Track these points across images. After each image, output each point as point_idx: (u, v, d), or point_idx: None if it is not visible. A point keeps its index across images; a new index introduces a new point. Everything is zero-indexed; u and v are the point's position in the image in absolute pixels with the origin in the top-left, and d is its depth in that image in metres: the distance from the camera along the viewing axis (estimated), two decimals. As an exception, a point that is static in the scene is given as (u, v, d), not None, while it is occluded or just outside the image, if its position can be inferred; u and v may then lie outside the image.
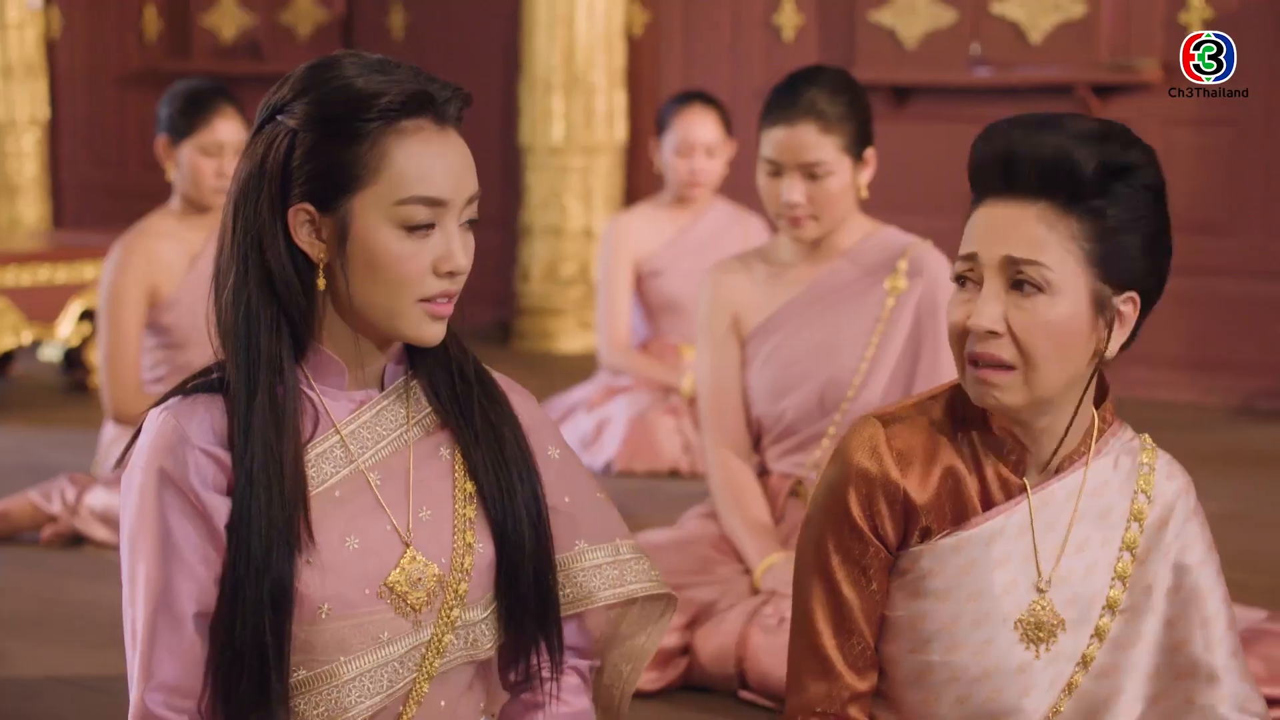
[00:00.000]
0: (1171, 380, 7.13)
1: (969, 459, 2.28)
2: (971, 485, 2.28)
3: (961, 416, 2.29)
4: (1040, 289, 2.18)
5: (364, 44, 9.52)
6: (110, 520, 4.90)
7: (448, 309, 2.15)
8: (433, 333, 2.15)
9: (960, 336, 2.22)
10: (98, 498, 4.95)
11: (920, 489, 2.26)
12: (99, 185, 10.27)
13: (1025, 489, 2.28)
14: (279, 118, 2.13)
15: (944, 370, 3.80)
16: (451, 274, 2.13)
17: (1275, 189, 7.11)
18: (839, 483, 2.28)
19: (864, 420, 2.30)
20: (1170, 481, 2.33)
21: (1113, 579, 2.28)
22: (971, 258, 2.21)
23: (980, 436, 2.28)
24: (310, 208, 2.12)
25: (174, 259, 5.05)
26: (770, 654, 3.67)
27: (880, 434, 2.27)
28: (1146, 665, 2.30)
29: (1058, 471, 2.30)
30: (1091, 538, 2.29)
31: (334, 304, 2.16)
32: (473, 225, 2.17)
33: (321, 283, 2.13)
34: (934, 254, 3.89)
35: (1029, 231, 2.17)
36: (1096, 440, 2.30)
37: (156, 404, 2.17)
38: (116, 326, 5.01)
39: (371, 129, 2.10)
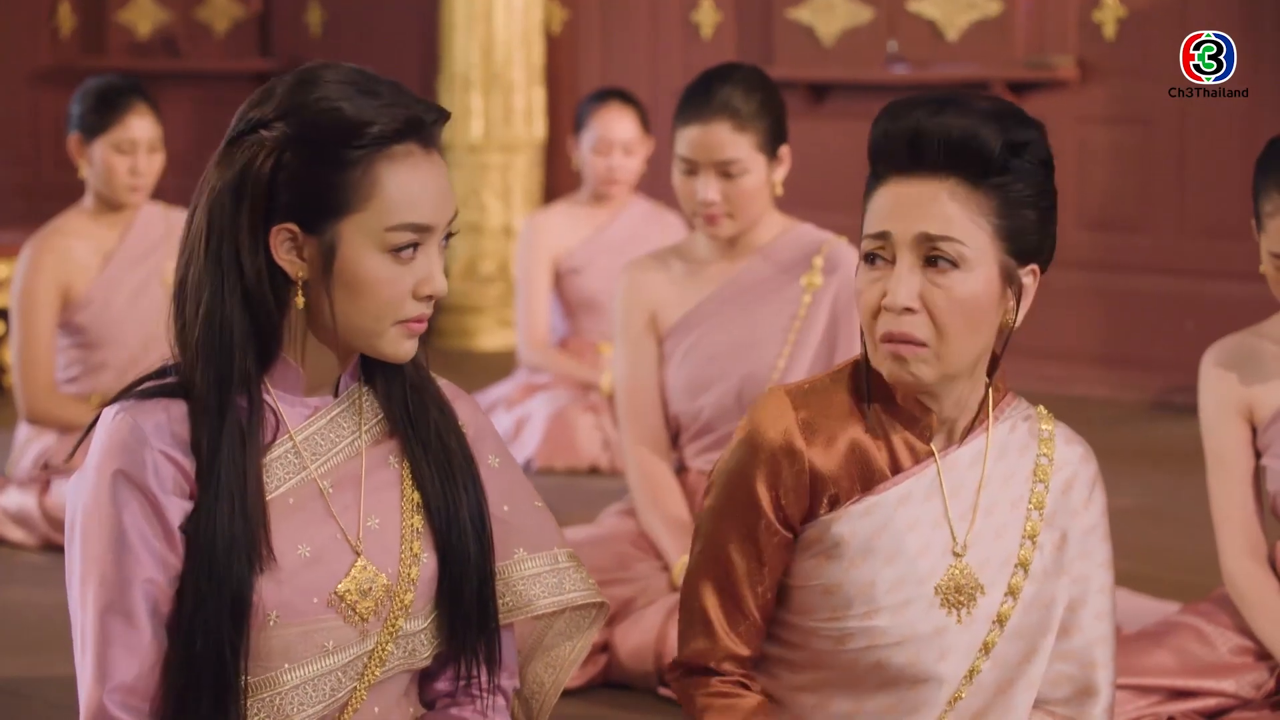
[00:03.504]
0: (1086, 376, 7.17)
1: (876, 430, 2.31)
2: (880, 454, 2.31)
3: (867, 389, 2.32)
4: (955, 265, 2.22)
5: (281, 41, 9.46)
6: (24, 521, 4.86)
7: (423, 327, 2.17)
8: (408, 350, 2.17)
9: (874, 314, 2.25)
10: (11, 499, 4.90)
11: (825, 457, 2.29)
12: (11, 184, 10.15)
13: (933, 454, 2.31)
14: (262, 133, 2.11)
15: (860, 367, 3.82)
16: (430, 297, 2.15)
17: (1188, 186, 7.17)
18: (744, 455, 2.31)
19: (771, 392, 2.33)
20: (1070, 446, 2.38)
21: (1022, 538, 2.32)
22: (883, 236, 2.24)
23: (885, 408, 2.31)
24: (294, 227, 2.11)
25: (87, 258, 5.02)
26: (688, 651, 3.67)
27: (786, 403, 2.30)
28: (1059, 624, 2.34)
29: (962, 439, 2.33)
30: (999, 500, 2.33)
31: (310, 321, 2.16)
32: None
33: (300, 300, 2.13)
34: (849, 250, 3.90)
35: (941, 208, 2.22)
36: (994, 408, 2.34)
37: (109, 403, 2.15)
38: (29, 326, 4.96)
39: (362, 156, 2.10)
